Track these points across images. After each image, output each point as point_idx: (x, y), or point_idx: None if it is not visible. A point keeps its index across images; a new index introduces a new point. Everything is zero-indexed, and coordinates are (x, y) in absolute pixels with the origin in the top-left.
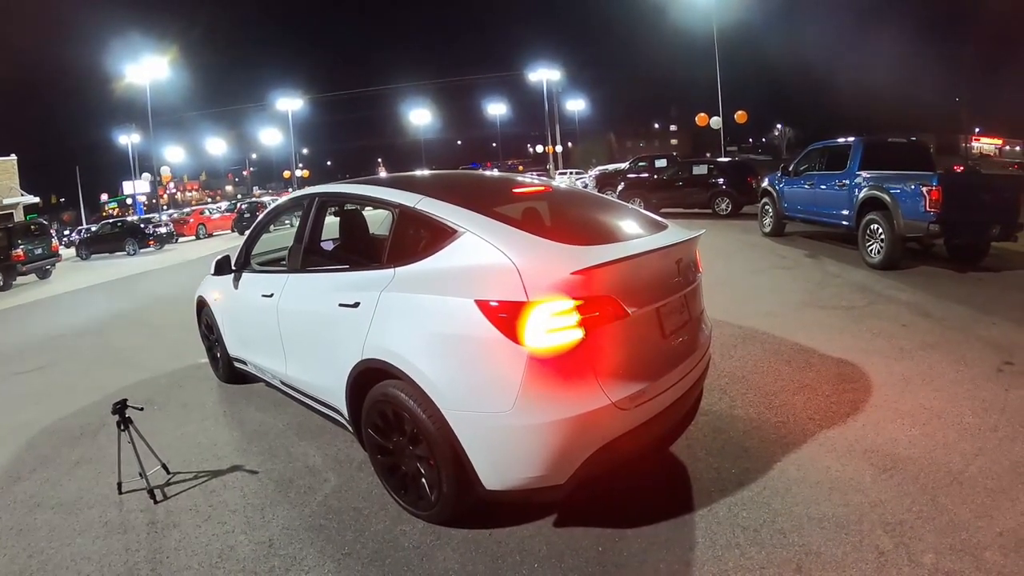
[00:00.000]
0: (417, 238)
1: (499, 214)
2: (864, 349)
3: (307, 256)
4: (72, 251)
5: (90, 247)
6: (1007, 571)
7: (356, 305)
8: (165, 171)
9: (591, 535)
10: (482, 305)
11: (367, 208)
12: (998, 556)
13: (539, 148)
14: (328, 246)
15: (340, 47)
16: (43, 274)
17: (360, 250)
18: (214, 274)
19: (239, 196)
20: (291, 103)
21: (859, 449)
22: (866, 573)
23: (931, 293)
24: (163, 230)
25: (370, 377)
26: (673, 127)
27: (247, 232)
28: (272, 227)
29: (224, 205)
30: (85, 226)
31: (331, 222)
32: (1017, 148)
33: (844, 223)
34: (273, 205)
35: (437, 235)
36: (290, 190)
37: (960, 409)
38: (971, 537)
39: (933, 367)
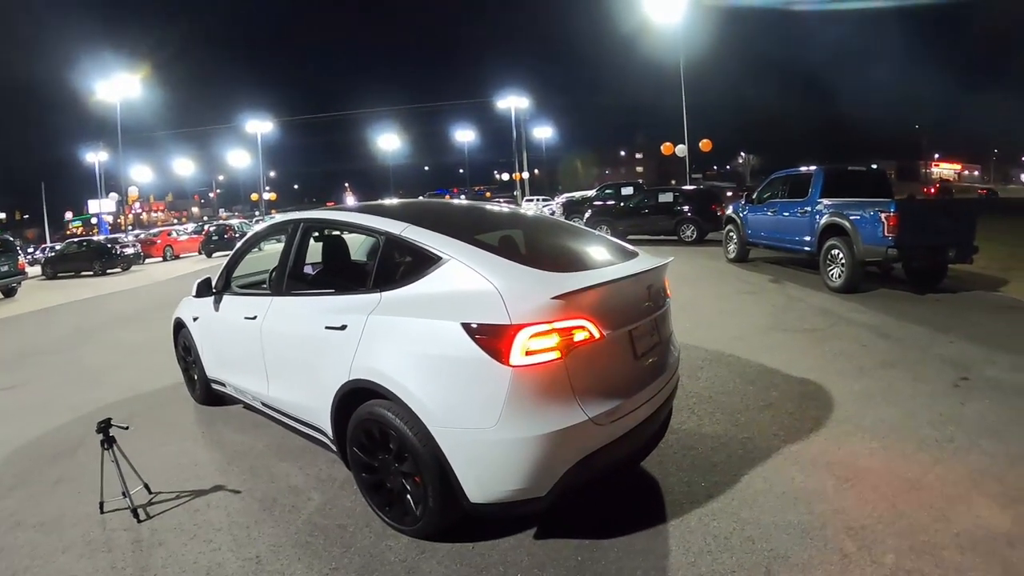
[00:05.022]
0: (403, 264)
1: (480, 242)
2: (826, 369)
3: (291, 280)
4: (37, 269)
5: (56, 266)
6: (964, 567)
7: (343, 328)
8: (132, 191)
9: (570, 546)
10: (468, 328)
11: (346, 234)
12: (955, 555)
13: (506, 176)
14: (308, 270)
15: (310, 71)
16: (9, 292)
17: (344, 274)
18: (195, 296)
19: (205, 218)
20: (260, 125)
21: (822, 462)
22: (831, 574)
23: (890, 314)
24: (130, 251)
25: (356, 397)
26: (639, 154)
27: (229, 255)
28: (255, 250)
29: (191, 227)
30: (50, 244)
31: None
32: (975, 173)
33: (806, 249)
34: (253, 231)
35: (422, 261)
36: (257, 212)
37: (918, 422)
38: (930, 539)
39: (892, 384)
